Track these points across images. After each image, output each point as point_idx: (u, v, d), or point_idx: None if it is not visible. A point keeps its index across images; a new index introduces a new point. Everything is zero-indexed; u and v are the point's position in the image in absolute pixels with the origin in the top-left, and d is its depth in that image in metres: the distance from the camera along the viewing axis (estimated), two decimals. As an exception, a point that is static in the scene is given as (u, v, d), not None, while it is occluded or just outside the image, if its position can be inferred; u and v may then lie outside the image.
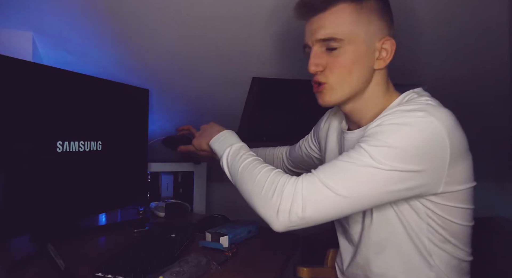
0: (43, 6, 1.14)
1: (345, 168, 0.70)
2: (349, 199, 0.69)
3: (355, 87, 0.80)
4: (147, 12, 1.19)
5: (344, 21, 0.76)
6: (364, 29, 0.77)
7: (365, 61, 0.79)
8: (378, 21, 0.79)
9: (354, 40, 0.77)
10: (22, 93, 0.97)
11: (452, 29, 1.38)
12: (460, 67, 1.59)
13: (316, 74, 0.80)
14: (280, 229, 0.72)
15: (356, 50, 0.77)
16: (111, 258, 0.92)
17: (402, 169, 0.68)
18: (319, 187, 0.70)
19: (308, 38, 0.81)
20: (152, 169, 1.70)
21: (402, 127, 0.70)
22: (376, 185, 0.69)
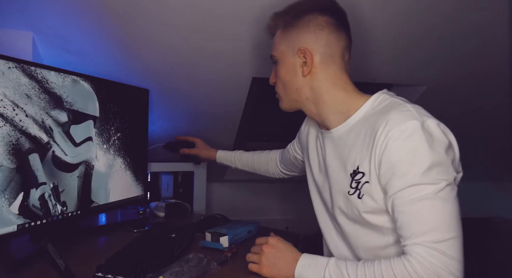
0: (43, 6, 1.14)
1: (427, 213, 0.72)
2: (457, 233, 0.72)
3: (292, 94, 0.93)
4: (147, 12, 1.19)
5: (277, 41, 0.93)
6: (285, 45, 0.91)
7: (291, 73, 0.91)
8: (296, 37, 0.89)
9: (282, 56, 0.92)
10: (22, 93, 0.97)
11: (452, 30, 1.38)
12: (460, 68, 1.59)
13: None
14: None
15: (285, 64, 0.91)
16: (111, 258, 0.92)
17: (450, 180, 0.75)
18: (434, 253, 0.70)
19: None
20: (152, 169, 1.70)
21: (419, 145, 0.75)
22: (453, 203, 0.73)
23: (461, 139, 2.26)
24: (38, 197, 1.01)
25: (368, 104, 0.86)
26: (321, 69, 0.87)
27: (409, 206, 0.73)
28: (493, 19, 1.35)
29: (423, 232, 0.71)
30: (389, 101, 0.84)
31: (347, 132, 0.87)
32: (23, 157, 0.97)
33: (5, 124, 0.92)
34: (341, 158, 0.88)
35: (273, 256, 0.85)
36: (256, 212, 2.28)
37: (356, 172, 0.83)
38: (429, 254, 0.70)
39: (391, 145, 0.75)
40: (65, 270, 0.73)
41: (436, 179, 0.72)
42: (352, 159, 0.84)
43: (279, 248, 0.86)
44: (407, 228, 0.73)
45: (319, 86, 0.88)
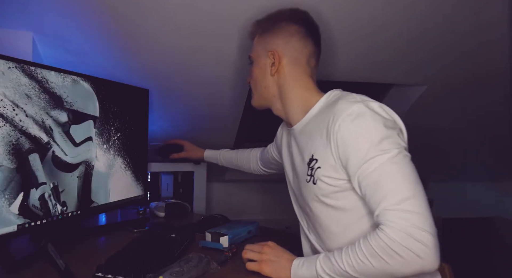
0: (43, 6, 1.14)
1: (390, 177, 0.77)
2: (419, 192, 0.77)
3: (262, 93, 1.03)
4: (147, 12, 1.19)
5: (255, 44, 1.04)
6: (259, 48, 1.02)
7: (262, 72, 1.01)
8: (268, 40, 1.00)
9: (256, 56, 1.03)
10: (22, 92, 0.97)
11: (452, 30, 1.38)
12: (460, 68, 1.59)
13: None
14: (436, 261, 0.73)
15: (258, 64, 1.02)
16: (111, 258, 0.92)
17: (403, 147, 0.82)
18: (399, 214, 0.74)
19: None
20: (152, 169, 1.70)
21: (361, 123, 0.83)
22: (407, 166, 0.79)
23: (461, 139, 2.27)
24: (38, 197, 1.01)
25: (322, 99, 0.95)
26: (288, 70, 0.97)
27: (369, 179, 0.79)
28: (493, 19, 1.35)
29: (385, 197, 0.76)
30: (339, 94, 0.93)
31: (305, 126, 0.96)
32: (23, 157, 0.97)
33: (5, 124, 0.92)
34: (301, 150, 0.96)
35: (273, 255, 0.90)
36: (256, 212, 2.28)
37: (311, 160, 0.91)
38: (396, 216, 0.74)
39: (343, 129, 0.82)
40: (65, 270, 0.73)
41: (387, 149, 0.78)
42: (309, 149, 0.92)
43: (278, 250, 0.91)
44: (372, 200, 0.79)
45: (284, 84, 0.98)
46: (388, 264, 0.73)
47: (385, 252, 0.73)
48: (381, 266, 0.74)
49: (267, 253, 0.90)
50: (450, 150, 2.16)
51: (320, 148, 0.88)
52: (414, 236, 0.71)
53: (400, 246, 0.72)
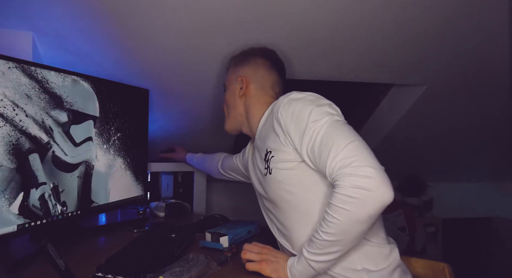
0: (43, 6, 1.14)
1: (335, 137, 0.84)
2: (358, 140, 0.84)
3: (232, 114, 1.19)
4: (147, 13, 1.19)
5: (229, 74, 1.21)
6: (231, 76, 1.19)
7: (232, 96, 1.17)
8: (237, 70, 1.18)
9: (228, 84, 1.20)
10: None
11: (452, 30, 1.38)
12: (460, 68, 1.59)
13: None
14: (388, 191, 0.76)
15: (230, 90, 1.18)
16: (111, 258, 0.92)
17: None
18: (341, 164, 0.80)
19: None
20: (152, 169, 1.70)
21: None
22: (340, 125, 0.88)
23: (461, 139, 2.27)
24: (38, 197, 1.01)
25: (270, 106, 1.07)
26: (253, 93, 1.13)
27: (313, 148, 0.86)
28: (493, 19, 1.35)
29: (328, 156, 0.82)
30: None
31: (260, 131, 1.07)
32: (23, 157, 0.97)
33: (5, 124, 0.92)
34: (260, 153, 1.04)
35: (272, 256, 0.93)
36: (256, 212, 2.27)
37: (266, 154, 0.99)
38: (340, 168, 0.79)
39: (283, 113, 0.92)
40: (65, 270, 0.73)
41: (319, 118, 0.87)
42: (264, 147, 1.00)
43: (276, 252, 0.96)
44: (320, 163, 0.84)
45: (249, 103, 1.13)
46: (348, 211, 0.76)
47: (342, 201, 0.76)
48: (345, 216, 0.77)
49: (266, 253, 0.93)
50: (450, 150, 2.16)
51: (270, 140, 0.97)
52: (357, 175, 0.76)
53: (350, 189, 0.76)
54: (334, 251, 0.81)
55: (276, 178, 0.95)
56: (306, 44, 1.38)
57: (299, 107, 0.91)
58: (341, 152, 0.80)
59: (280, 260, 0.91)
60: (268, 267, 0.90)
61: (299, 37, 1.34)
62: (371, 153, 0.80)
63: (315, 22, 1.29)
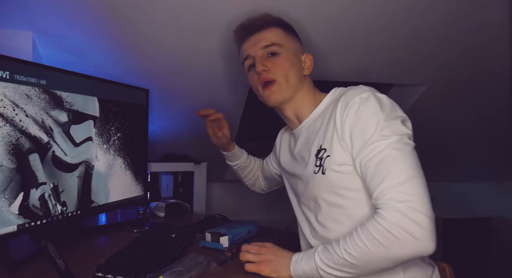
0: (43, 6, 1.14)
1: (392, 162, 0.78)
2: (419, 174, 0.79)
3: (295, 85, 0.99)
4: (147, 13, 1.19)
5: (279, 35, 1.00)
6: (292, 43, 1.02)
7: (297, 66, 1.00)
8: (298, 41, 1.05)
9: (288, 49, 0.99)
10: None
11: (452, 30, 1.38)
12: (460, 68, 1.59)
13: (263, 73, 0.98)
14: (432, 244, 0.72)
15: (290, 57, 0.99)
16: (111, 258, 0.92)
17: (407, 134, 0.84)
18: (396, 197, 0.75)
19: (250, 50, 1.00)
20: (152, 169, 1.70)
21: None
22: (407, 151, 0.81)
23: (461, 139, 2.27)
24: (38, 197, 1.01)
25: (328, 96, 1.00)
26: (310, 80, 1.05)
27: (370, 163, 0.80)
28: (493, 19, 1.35)
29: (383, 181, 0.77)
30: (346, 89, 0.96)
31: (313, 122, 0.99)
32: (23, 157, 0.97)
33: (5, 124, 0.92)
34: (308, 145, 0.97)
35: (270, 254, 0.90)
36: (256, 212, 2.28)
37: (319, 150, 0.92)
38: (392, 199, 0.74)
39: (350, 113, 0.86)
40: (65, 270, 0.73)
41: (388, 135, 0.80)
42: (317, 141, 0.94)
43: (275, 248, 0.92)
44: (371, 183, 0.80)
45: (308, 87, 1.03)
46: (384, 246, 0.73)
47: (381, 235, 0.73)
48: (377, 249, 0.73)
49: (264, 253, 0.91)
50: (450, 150, 2.16)
51: (328, 137, 0.90)
52: (410, 217, 0.71)
53: (395, 227, 0.72)
54: (348, 272, 0.78)
55: (329, 180, 0.89)
56: (306, 44, 1.38)
57: (369, 113, 0.84)
58: (399, 184, 0.75)
59: (280, 258, 0.88)
60: (267, 267, 0.88)
61: (299, 37, 1.34)
62: (428, 195, 0.75)
63: (315, 22, 1.29)
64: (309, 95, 1.02)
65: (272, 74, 0.97)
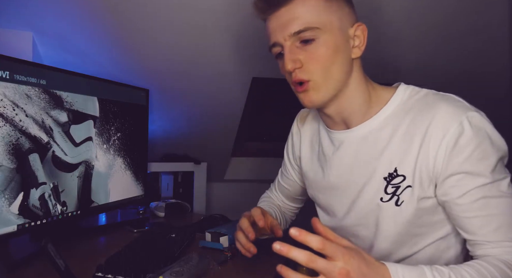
0: (43, 6, 1.14)
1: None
2: None
3: (338, 80, 0.73)
4: (147, 12, 1.19)
5: (315, 8, 0.70)
6: (337, 15, 0.72)
7: (342, 51, 0.72)
8: (347, 7, 0.74)
9: (330, 28, 0.70)
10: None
11: (453, 30, 1.38)
12: (460, 67, 1.59)
13: (294, 71, 0.72)
14: None
15: (333, 40, 0.71)
16: (111, 258, 0.92)
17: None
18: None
19: (277, 35, 0.72)
20: (152, 169, 1.70)
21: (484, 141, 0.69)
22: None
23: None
24: (38, 197, 1.01)
25: (397, 97, 0.76)
26: (360, 64, 0.77)
27: (478, 206, 0.67)
28: (493, 19, 1.35)
29: (498, 230, 0.66)
30: (424, 92, 0.75)
31: (376, 129, 0.76)
32: (23, 157, 0.97)
33: (5, 124, 0.92)
34: (366, 160, 0.76)
35: (358, 268, 0.56)
36: (256, 212, 2.27)
37: (393, 175, 0.73)
38: (508, 253, 0.66)
39: (459, 142, 0.67)
40: (65, 270, 0.73)
41: (500, 176, 0.68)
42: (386, 159, 0.73)
43: (363, 273, 0.56)
44: (477, 226, 0.68)
45: (358, 73, 0.76)
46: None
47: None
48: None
49: (346, 261, 0.55)
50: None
51: (410, 161, 0.71)
52: None
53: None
54: None
55: (405, 215, 0.72)
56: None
57: (482, 145, 0.67)
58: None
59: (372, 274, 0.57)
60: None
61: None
62: None
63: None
64: (360, 89, 0.77)
65: (307, 73, 0.72)
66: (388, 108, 0.76)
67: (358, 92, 0.77)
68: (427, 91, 0.76)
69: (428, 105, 0.72)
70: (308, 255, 0.55)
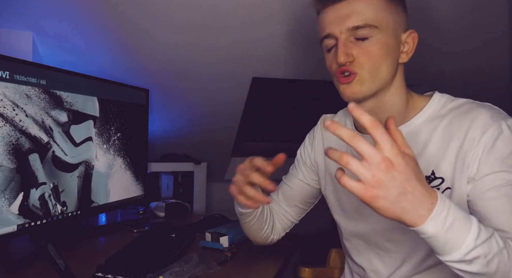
0: (43, 6, 1.14)
1: None
2: None
3: (384, 79, 0.75)
4: (147, 12, 1.19)
5: (376, 6, 0.72)
6: (394, 18, 0.74)
7: (393, 53, 0.74)
8: (403, 13, 0.76)
9: (386, 29, 0.72)
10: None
11: (453, 30, 1.38)
12: (460, 68, 1.59)
13: (345, 65, 0.73)
14: None
15: (387, 40, 0.73)
16: (111, 258, 0.92)
17: None
18: None
19: (333, 27, 0.73)
20: (152, 169, 1.70)
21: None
22: None
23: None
24: (38, 197, 1.01)
25: (433, 104, 0.78)
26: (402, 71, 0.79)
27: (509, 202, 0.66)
28: (493, 19, 1.35)
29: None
30: (461, 101, 0.78)
31: (412, 134, 0.77)
32: (23, 157, 0.97)
33: (5, 124, 0.92)
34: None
35: (398, 186, 0.51)
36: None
37: (430, 178, 0.74)
38: None
39: (496, 143, 0.69)
40: (65, 270, 0.73)
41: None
42: (423, 163, 0.73)
43: (408, 177, 0.51)
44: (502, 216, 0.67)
45: (401, 78, 0.79)
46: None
47: None
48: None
49: (391, 177, 0.50)
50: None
51: (449, 163, 0.72)
52: None
53: None
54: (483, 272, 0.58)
55: None
56: (306, 44, 1.38)
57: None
58: None
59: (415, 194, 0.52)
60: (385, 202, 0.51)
61: (300, 37, 1.34)
62: None
63: (315, 22, 1.29)
64: (399, 93, 0.78)
65: (357, 66, 0.73)
66: (423, 114, 0.78)
67: (397, 96, 0.78)
68: (464, 99, 0.79)
69: (465, 111, 0.75)
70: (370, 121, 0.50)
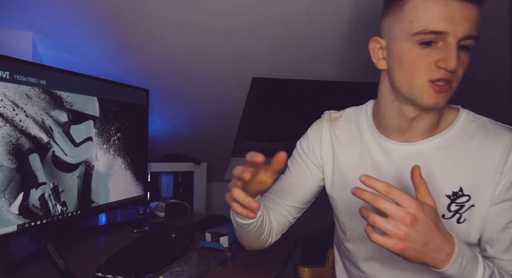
0: (43, 6, 1.14)
1: None
2: None
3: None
4: (147, 13, 1.19)
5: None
6: None
7: None
8: None
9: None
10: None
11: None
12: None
13: (454, 72, 0.71)
14: None
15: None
16: (111, 258, 0.92)
17: None
18: None
19: (450, 26, 0.67)
20: (152, 169, 1.70)
21: None
22: None
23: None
24: (38, 197, 1.01)
25: (461, 119, 0.81)
26: None
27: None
28: (493, 19, 1.35)
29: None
30: (483, 120, 0.82)
31: (440, 148, 0.77)
32: (23, 157, 0.97)
33: (5, 124, 0.92)
34: (428, 176, 0.73)
35: (422, 238, 0.57)
36: (256, 212, 2.27)
37: (458, 194, 0.75)
38: None
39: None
40: (65, 270, 0.73)
41: None
42: (450, 179, 0.75)
43: (430, 228, 0.58)
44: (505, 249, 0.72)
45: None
46: None
47: None
48: None
49: (413, 234, 0.57)
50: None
51: (473, 182, 0.74)
52: None
53: None
54: None
55: (464, 235, 0.74)
56: (306, 44, 1.38)
57: None
58: None
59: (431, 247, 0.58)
60: (412, 254, 0.58)
61: (299, 37, 1.34)
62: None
63: (315, 22, 1.29)
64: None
65: (455, 77, 0.72)
66: (453, 128, 0.79)
67: (444, 109, 0.80)
68: (486, 118, 0.81)
69: (491, 132, 0.77)
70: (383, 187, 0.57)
